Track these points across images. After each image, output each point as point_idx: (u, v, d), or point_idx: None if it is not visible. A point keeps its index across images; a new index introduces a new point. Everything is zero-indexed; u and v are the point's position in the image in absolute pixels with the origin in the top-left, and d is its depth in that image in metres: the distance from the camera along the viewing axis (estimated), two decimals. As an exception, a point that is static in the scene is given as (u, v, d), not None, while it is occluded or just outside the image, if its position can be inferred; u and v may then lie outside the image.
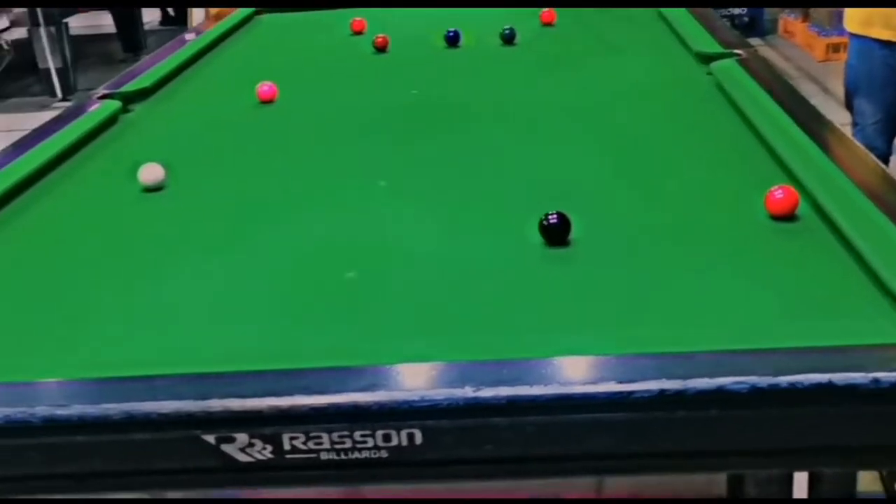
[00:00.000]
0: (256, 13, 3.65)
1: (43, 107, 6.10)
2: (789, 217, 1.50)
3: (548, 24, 3.14)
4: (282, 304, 1.36)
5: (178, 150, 2.15)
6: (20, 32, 5.93)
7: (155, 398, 1.07)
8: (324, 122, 2.28)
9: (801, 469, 1.07)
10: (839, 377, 1.01)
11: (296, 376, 1.09)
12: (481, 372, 1.06)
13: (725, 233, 1.50)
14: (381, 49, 2.95)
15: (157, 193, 1.84)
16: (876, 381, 1.00)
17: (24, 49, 6.02)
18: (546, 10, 3.16)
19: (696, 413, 1.03)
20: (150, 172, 1.86)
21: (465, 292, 1.36)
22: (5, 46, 4.43)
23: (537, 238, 1.46)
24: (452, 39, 2.95)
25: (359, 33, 3.21)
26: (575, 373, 1.08)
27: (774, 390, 1.01)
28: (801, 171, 1.62)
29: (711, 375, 1.02)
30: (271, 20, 3.62)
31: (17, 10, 4.77)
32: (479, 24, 3.10)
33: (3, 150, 2.05)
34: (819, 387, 1.01)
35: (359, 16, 3.29)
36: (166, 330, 1.31)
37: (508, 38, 2.92)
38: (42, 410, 1.07)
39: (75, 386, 1.13)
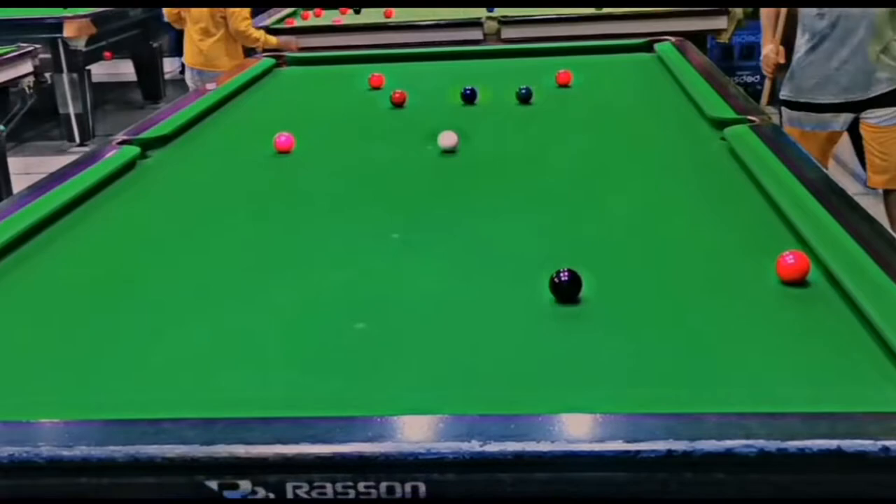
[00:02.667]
0: (277, 65, 3.70)
1: (60, 151, 6.17)
2: (800, 282, 1.50)
3: (564, 86, 3.17)
4: (292, 353, 1.36)
5: (193, 196, 2.18)
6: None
7: (160, 442, 1.07)
8: (339, 174, 2.31)
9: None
10: (848, 444, 1.00)
11: (303, 424, 1.08)
12: (489, 426, 1.05)
13: (736, 296, 1.50)
14: (398, 104, 2.99)
15: (170, 241, 1.86)
16: (885, 448, 0.99)
17: (46, 94, 6.11)
18: (563, 71, 3.20)
19: (703, 475, 1.02)
20: (448, 138, 2.39)
21: (474, 346, 1.36)
22: (28, 90, 4.49)
23: (549, 295, 1.47)
24: (469, 97, 2.98)
25: (377, 88, 3.25)
26: (582, 430, 1.07)
27: (782, 454, 1.00)
28: (813, 237, 1.62)
29: (719, 438, 1.02)
30: (291, 73, 3.68)
31: (42, 56, 4.85)
32: (496, 83, 3.13)
33: (21, 191, 2.07)
34: (828, 453, 1.00)
35: (378, 71, 3.33)
36: (176, 373, 1.31)
37: (524, 98, 2.95)
38: (47, 451, 1.07)
39: (81, 427, 1.13)
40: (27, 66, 4.43)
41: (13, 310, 1.57)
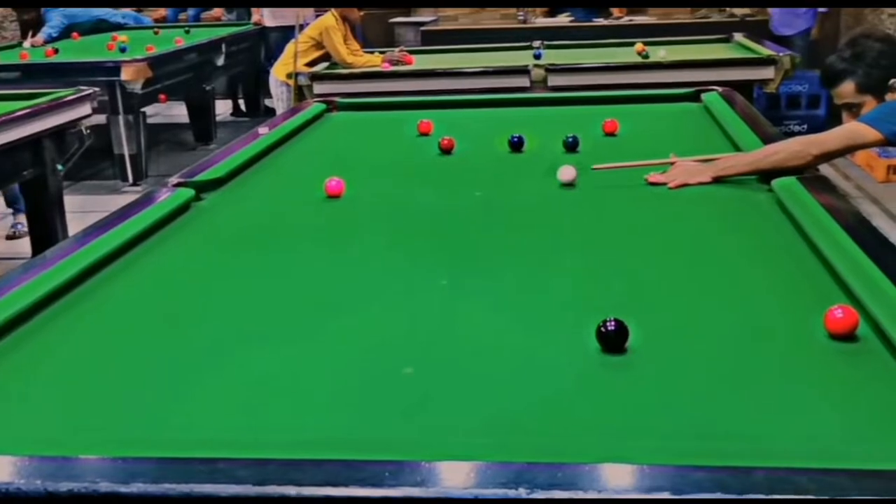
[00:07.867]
0: (328, 110, 3.77)
1: (114, 190, 6.30)
2: (849, 337, 1.49)
3: (610, 134, 3.20)
4: (342, 395, 1.39)
5: (246, 239, 2.22)
6: (98, 119, 6.19)
7: (214, 481, 1.09)
8: (388, 220, 2.34)
9: None
10: (898, 502, 1.00)
11: (353, 467, 1.10)
12: (536, 474, 1.07)
13: (784, 350, 1.50)
14: (446, 151, 3.03)
15: (224, 282, 1.91)
16: (936, 508, 0.99)
17: (101, 134, 6.27)
18: (609, 119, 3.22)
19: (751, 530, 1.02)
20: (567, 172, 2.52)
21: (521, 392, 1.37)
22: (85, 132, 4.61)
23: (595, 343, 1.48)
24: (517, 144, 3.02)
25: (425, 134, 3.30)
26: (630, 481, 1.08)
27: (832, 511, 1.00)
28: (862, 291, 1.62)
29: (768, 492, 1.02)
30: (341, 118, 3.74)
31: (100, 99, 4.98)
32: (542, 131, 3.17)
33: (85, 228, 2.13)
34: (878, 510, 1.00)
35: (426, 117, 3.38)
36: (229, 413, 1.34)
37: (571, 146, 2.97)
38: (105, 486, 1.09)
39: (138, 464, 1.16)
40: (86, 109, 4.55)
41: (71, 347, 1.61)
